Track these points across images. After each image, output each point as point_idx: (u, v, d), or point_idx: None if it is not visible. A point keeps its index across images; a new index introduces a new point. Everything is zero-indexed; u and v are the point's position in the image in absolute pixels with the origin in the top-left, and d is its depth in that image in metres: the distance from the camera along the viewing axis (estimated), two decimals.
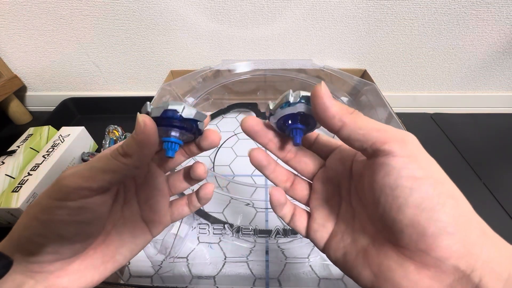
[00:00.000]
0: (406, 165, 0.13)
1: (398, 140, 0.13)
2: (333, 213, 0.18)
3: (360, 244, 0.15)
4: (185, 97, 0.55)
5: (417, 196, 0.12)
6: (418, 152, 0.13)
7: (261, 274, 0.36)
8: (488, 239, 0.12)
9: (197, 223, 0.38)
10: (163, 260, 0.35)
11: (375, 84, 0.53)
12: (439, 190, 0.12)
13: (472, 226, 0.12)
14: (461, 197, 0.13)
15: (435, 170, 0.13)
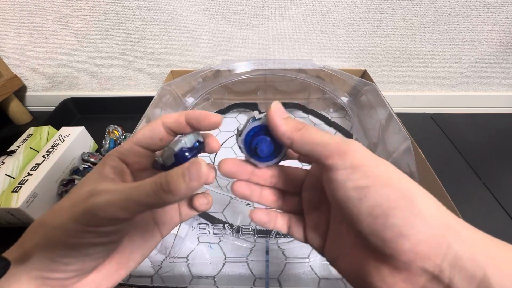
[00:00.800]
0: (349, 177, 0.13)
1: (339, 153, 0.13)
2: (324, 219, 0.18)
3: (346, 248, 0.16)
4: (185, 97, 0.55)
5: (367, 205, 0.12)
6: (361, 160, 0.13)
7: (261, 274, 0.36)
8: (456, 234, 0.12)
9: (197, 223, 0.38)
10: (163, 260, 0.35)
11: (375, 84, 0.53)
12: (387, 195, 0.12)
13: (433, 223, 0.12)
14: (416, 194, 0.12)
15: (381, 174, 0.13)
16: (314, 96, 0.63)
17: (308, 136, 0.15)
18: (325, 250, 0.18)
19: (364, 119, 0.52)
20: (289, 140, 0.15)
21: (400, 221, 0.12)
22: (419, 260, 0.12)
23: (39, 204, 0.45)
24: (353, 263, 0.15)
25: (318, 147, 0.14)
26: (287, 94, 0.64)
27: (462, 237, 0.12)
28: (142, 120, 0.45)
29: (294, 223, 0.20)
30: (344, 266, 0.16)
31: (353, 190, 0.13)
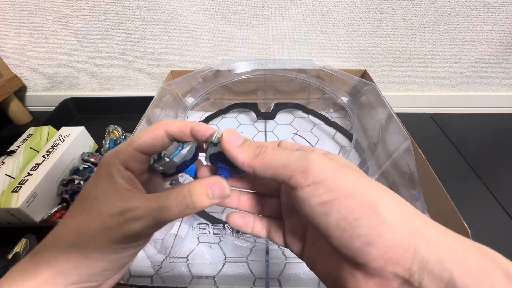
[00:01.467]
0: (313, 193, 0.13)
1: (301, 171, 0.14)
2: (301, 223, 0.18)
3: (323, 253, 0.16)
4: (185, 97, 0.55)
5: (333, 219, 0.13)
6: (321, 174, 0.13)
7: (261, 274, 0.36)
8: (422, 238, 0.12)
9: (197, 223, 0.38)
10: (163, 260, 0.35)
11: (375, 84, 0.53)
12: (350, 206, 0.13)
13: (398, 229, 0.12)
14: (379, 202, 0.13)
15: (343, 185, 0.13)
16: (314, 96, 0.63)
17: (267, 161, 0.15)
18: (303, 255, 0.18)
19: (364, 119, 0.52)
20: (250, 168, 0.16)
21: (366, 231, 0.12)
22: (389, 266, 0.12)
23: (39, 204, 0.45)
24: (329, 268, 0.15)
25: (279, 169, 0.15)
26: (287, 94, 0.64)
27: (428, 241, 0.12)
28: (142, 120, 0.45)
29: (274, 228, 0.19)
30: (322, 271, 0.16)
31: (318, 206, 0.13)
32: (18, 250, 0.39)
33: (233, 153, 0.16)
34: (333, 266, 0.15)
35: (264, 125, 0.60)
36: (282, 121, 0.61)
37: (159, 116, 0.48)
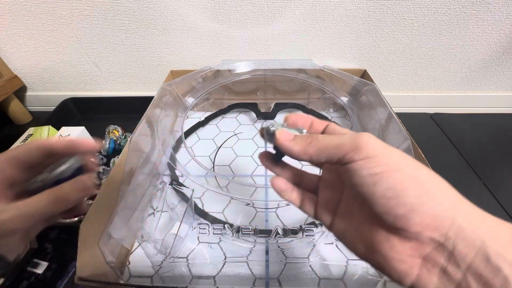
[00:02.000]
0: (364, 166, 0.15)
1: (354, 148, 0.15)
2: (336, 197, 0.20)
3: (356, 223, 0.18)
4: (185, 97, 0.55)
5: (381, 188, 0.14)
6: (374, 151, 0.15)
7: (261, 274, 0.36)
8: (461, 210, 0.14)
9: (197, 223, 0.38)
10: (163, 260, 0.35)
11: (375, 84, 0.53)
12: (398, 178, 0.14)
13: (440, 201, 0.14)
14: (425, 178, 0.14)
15: (394, 161, 0.15)
16: (314, 96, 0.63)
17: (320, 146, 0.17)
18: (332, 225, 0.20)
19: (364, 119, 0.52)
20: (306, 155, 0.17)
21: (411, 200, 0.14)
22: (427, 231, 0.14)
23: None
24: (362, 236, 0.17)
25: (334, 150, 0.16)
26: (287, 94, 0.64)
27: (465, 213, 0.14)
28: (142, 120, 0.45)
29: (307, 199, 0.21)
30: (352, 239, 0.18)
31: (367, 177, 0.15)
32: None
33: (288, 147, 0.18)
34: (367, 234, 0.16)
35: None
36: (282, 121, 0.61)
37: (159, 116, 0.48)
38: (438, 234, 0.14)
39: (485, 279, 0.13)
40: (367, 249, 0.16)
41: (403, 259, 0.15)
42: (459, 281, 0.13)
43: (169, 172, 0.47)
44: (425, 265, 0.14)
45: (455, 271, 0.13)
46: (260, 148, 0.55)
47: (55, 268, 0.39)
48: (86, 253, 0.30)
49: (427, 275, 0.14)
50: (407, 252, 0.15)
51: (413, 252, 0.14)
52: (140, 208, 0.39)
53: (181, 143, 0.52)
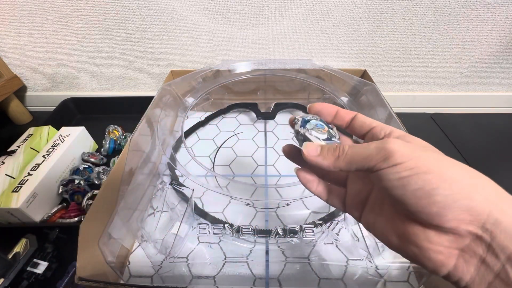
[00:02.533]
0: (392, 171, 0.16)
1: (382, 160, 0.16)
2: (366, 189, 0.20)
3: (387, 216, 0.18)
4: (185, 97, 0.55)
5: (411, 189, 0.15)
6: (402, 158, 0.15)
7: (261, 274, 0.36)
8: (498, 203, 0.14)
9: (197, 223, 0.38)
10: (163, 260, 0.35)
11: (375, 84, 0.53)
12: (428, 179, 0.15)
13: (473, 196, 0.14)
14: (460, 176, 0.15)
15: (423, 164, 0.15)
16: (314, 96, 0.63)
17: (349, 159, 0.18)
18: (361, 217, 0.20)
19: None
20: (336, 168, 0.18)
21: (442, 198, 0.14)
22: (463, 225, 0.14)
23: (39, 204, 0.45)
24: (394, 228, 0.17)
25: (363, 162, 0.17)
26: (287, 94, 0.64)
27: (501, 207, 0.14)
28: (142, 120, 0.45)
29: (334, 192, 0.22)
30: (384, 231, 0.18)
31: (396, 181, 0.15)
32: (18, 250, 0.40)
33: (317, 162, 0.19)
34: (400, 226, 0.17)
35: (264, 125, 0.60)
36: (282, 121, 0.61)
37: (159, 116, 0.48)
38: (474, 227, 0.14)
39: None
40: (400, 240, 0.17)
41: (440, 250, 0.15)
42: (498, 271, 0.14)
43: (169, 172, 0.47)
44: (463, 255, 0.15)
45: (494, 262, 0.14)
46: (260, 148, 0.55)
47: (55, 268, 0.39)
48: (86, 253, 0.30)
49: (464, 265, 0.15)
50: (445, 244, 0.15)
51: (450, 244, 0.15)
52: (140, 208, 0.39)
53: (181, 143, 0.52)
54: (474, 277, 0.14)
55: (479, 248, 0.14)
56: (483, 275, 0.14)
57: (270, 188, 0.46)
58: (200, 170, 0.44)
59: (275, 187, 0.46)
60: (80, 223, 0.31)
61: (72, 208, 0.46)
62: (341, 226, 0.36)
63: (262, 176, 0.49)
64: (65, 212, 0.47)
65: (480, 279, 0.14)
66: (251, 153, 0.53)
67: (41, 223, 0.44)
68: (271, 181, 0.48)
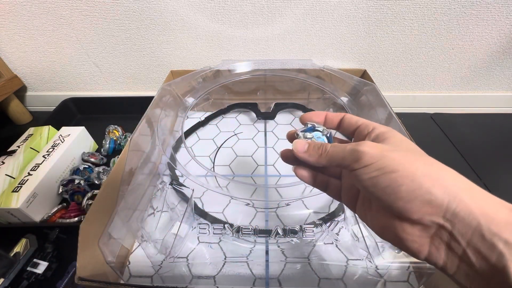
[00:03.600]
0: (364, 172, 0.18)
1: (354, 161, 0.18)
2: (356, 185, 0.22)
3: (374, 209, 0.20)
4: (185, 97, 0.55)
5: (381, 187, 0.17)
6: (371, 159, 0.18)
7: (261, 274, 0.36)
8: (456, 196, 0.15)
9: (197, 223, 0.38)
10: (163, 260, 0.35)
11: (375, 84, 0.53)
12: (393, 178, 0.17)
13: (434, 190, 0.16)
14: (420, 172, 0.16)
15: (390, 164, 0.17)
16: (314, 96, 0.63)
17: (329, 157, 0.20)
18: (356, 209, 0.22)
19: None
20: (319, 164, 0.21)
21: (406, 194, 0.16)
22: (426, 216, 0.16)
23: (39, 204, 0.45)
24: (380, 221, 0.19)
25: (341, 161, 0.19)
26: (287, 94, 0.64)
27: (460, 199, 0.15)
28: (142, 120, 0.45)
29: (332, 185, 0.24)
30: (373, 222, 0.20)
31: (368, 180, 0.18)
32: (18, 250, 0.40)
33: (304, 158, 0.22)
34: (383, 219, 0.19)
35: (264, 125, 0.60)
36: (282, 121, 0.61)
37: (159, 116, 0.48)
38: (437, 217, 0.16)
39: (482, 253, 0.15)
40: (384, 231, 0.19)
41: (414, 239, 0.17)
42: (461, 255, 0.16)
43: (169, 172, 0.47)
44: (433, 243, 0.17)
45: (457, 247, 0.16)
46: (260, 148, 0.55)
47: (55, 268, 0.39)
48: (86, 253, 0.30)
49: (436, 251, 0.17)
50: (417, 234, 0.17)
51: (421, 233, 0.17)
52: (140, 208, 0.39)
53: (181, 143, 0.52)
54: (446, 260, 0.16)
55: (444, 236, 0.16)
56: (452, 259, 0.16)
57: (270, 188, 0.46)
58: (200, 170, 0.44)
59: (275, 187, 0.46)
60: (80, 223, 0.31)
61: (72, 208, 0.46)
62: (341, 226, 0.36)
63: (262, 176, 0.49)
64: (65, 212, 0.47)
65: (451, 263, 0.16)
66: (251, 153, 0.53)
67: (41, 223, 0.44)
68: (271, 181, 0.48)
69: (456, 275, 0.16)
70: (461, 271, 0.16)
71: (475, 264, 0.15)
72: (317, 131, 0.24)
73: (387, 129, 0.21)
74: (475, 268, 0.15)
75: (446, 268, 0.16)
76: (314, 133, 0.24)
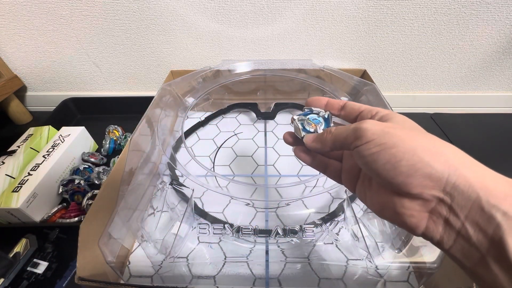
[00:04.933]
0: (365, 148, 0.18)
1: (356, 138, 0.19)
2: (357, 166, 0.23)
3: (374, 188, 0.20)
4: (185, 97, 0.55)
5: (381, 163, 0.17)
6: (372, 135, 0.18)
7: (261, 274, 0.36)
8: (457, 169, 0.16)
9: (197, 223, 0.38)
10: (163, 260, 0.35)
11: (375, 84, 0.53)
12: (393, 154, 0.17)
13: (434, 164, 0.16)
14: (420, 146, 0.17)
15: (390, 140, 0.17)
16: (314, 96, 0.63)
17: (334, 138, 0.21)
18: (356, 189, 0.23)
19: None
20: (327, 148, 0.22)
21: (406, 169, 0.16)
22: (426, 190, 0.16)
23: (39, 204, 0.45)
24: (379, 199, 0.20)
25: (344, 140, 0.20)
26: (287, 94, 0.64)
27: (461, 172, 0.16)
28: (142, 120, 0.45)
29: (331, 167, 0.25)
30: (372, 201, 0.21)
31: (368, 156, 0.18)
32: (18, 250, 0.40)
33: (311, 148, 0.23)
34: (382, 196, 0.19)
35: (264, 125, 0.60)
36: (282, 121, 0.61)
37: (159, 116, 0.48)
38: (437, 191, 0.16)
39: (480, 226, 0.15)
40: (384, 208, 0.19)
41: (413, 214, 0.17)
42: (459, 228, 0.16)
43: (169, 172, 0.47)
44: (431, 217, 0.17)
45: (455, 221, 0.16)
46: (260, 148, 0.55)
47: (55, 268, 0.39)
48: (86, 253, 0.30)
49: (433, 226, 0.17)
50: (416, 208, 0.17)
51: (420, 208, 0.17)
52: (140, 208, 0.39)
53: (181, 143, 0.52)
54: (443, 235, 0.17)
55: (443, 210, 0.16)
56: (449, 233, 0.16)
57: (270, 188, 0.46)
58: (200, 170, 0.44)
59: (275, 187, 0.46)
60: (80, 223, 0.31)
61: (72, 208, 0.46)
62: (341, 226, 0.36)
63: (262, 176, 0.49)
64: (65, 212, 0.47)
65: (447, 237, 0.16)
66: (251, 153, 0.53)
67: (41, 223, 0.44)
68: (271, 181, 0.48)
69: (451, 249, 0.16)
70: (458, 245, 0.16)
71: (472, 237, 0.15)
72: (314, 114, 0.25)
73: (390, 111, 0.21)
74: (472, 241, 0.15)
75: (443, 242, 0.17)
76: (309, 116, 0.24)
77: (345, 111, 0.24)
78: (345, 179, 0.24)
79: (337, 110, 0.25)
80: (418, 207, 0.17)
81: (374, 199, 0.20)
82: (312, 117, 0.24)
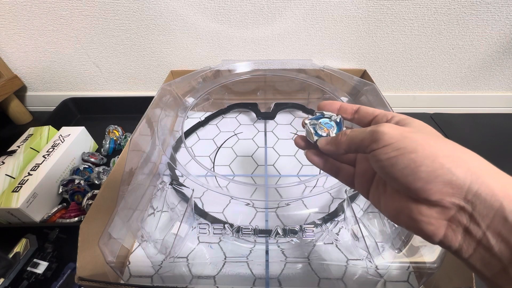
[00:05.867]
0: (383, 152, 0.18)
1: (373, 141, 0.18)
2: (371, 169, 0.22)
3: (388, 193, 0.20)
4: (185, 97, 0.55)
5: (399, 168, 0.17)
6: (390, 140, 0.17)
7: (261, 274, 0.36)
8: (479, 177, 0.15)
9: (197, 223, 0.38)
10: (163, 260, 0.35)
11: (375, 84, 0.53)
12: (412, 159, 0.16)
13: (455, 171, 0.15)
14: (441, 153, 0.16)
15: (409, 145, 0.17)
16: (314, 96, 0.63)
17: (349, 140, 0.21)
18: (369, 194, 0.22)
19: None
20: (341, 150, 0.21)
21: (426, 174, 0.16)
22: (446, 197, 0.16)
23: (39, 204, 0.45)
24: (394, 204, 0.19)
25: (360, 143, 0.19)
26: (287, 94, 0.64)
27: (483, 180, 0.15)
28: (142, 120, 0.45)
29: (343, 171, 0.24)
30: (387, 206, 0.20)
31: (386, 160, 0.17)
32: (18, 250, 0.40)
33: (326, 150, 0.23)
34: (398, 202, 0.18)
35: (264, 125, 0.60)
36: (282, 121, 0.61)
37: (159, 116, 0.48)
38: (457, 199, 0.15)
39: (503, 236, 0.14)
40: (400, 215, 0.19)
41: (431, 221, 0.17)
42: (480, 238, 0.15)
43: (169, 172, 0.47)
44: (450, 225, 0.16)
45: (476, 230, 0.15)
46: (260, 148, 0.55)
47: (55, 268, 0.39)
48: (86, 253, 0.30)
49: (452, 234, 0.16)
50: (434, 216, 0.16)
51: (439, 215, 0.16)
52: (140, 208, 0.39)
53: (181, 143, 0.52)
54: (462, 244, 0.16)
55: (463, 218, 0.16)
56: (469, 242, 0.16)
57: (270, 188, 0.46)
58: (200, 170, 0.44)
59: (275, 187, 0.46)
60: (80, 223, 0.31)
61: (72, 208, 0.46)
62: (341, 226, 0.36)
63: (262, 176, 0.49)
64: (65, 212, 0.47)
65: (467, 246, 0.16)
66: (251, 153, 0.53)
67: (41, 223, 0.44)
68: (271, 181, 0.48)
69: (471, 258, 0.16)
70: (477, 254, 0.15)
71: (494, 247, 0.15)
72: (326, 118, 0.24)
73: (406, 116, 0.21)
74: (493, 251, 0.15)
75: (461, 251, 0.16)
76: (321, 120, 0.24)
77: (358, 115, 0.24)
78: (358, 183, 0.23)
79: (351, 114, 0.24)
80: (436, 215, 0.16)
81: (389, 204, 0.20)
82: (324, 121, 0.24)
